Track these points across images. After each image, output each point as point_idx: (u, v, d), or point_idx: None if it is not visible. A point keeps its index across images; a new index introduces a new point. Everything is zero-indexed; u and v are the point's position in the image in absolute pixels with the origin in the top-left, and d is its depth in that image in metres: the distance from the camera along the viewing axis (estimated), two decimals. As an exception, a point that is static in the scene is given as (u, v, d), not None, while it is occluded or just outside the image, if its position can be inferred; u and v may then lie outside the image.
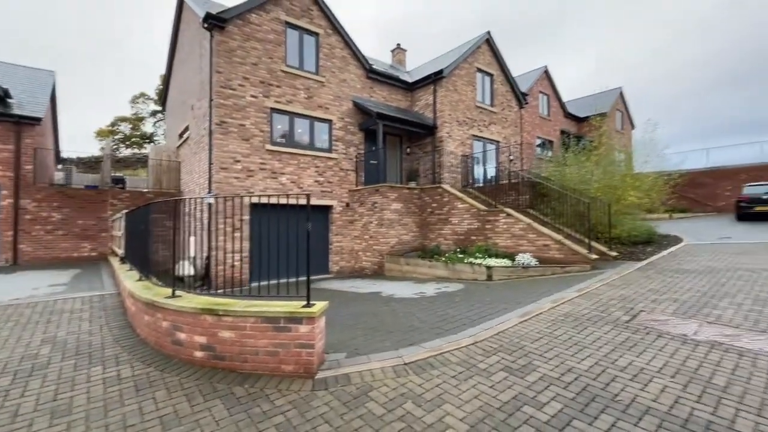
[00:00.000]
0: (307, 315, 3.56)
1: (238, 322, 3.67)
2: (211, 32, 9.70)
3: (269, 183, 10.50)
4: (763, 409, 2.76)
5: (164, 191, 12.93)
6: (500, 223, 9.84)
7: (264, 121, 10.44)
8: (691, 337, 4.10)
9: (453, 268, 9.01)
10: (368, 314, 5.94)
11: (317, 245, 11.68)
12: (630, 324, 4.60)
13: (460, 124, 13.66)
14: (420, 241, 11.90)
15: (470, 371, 3.53)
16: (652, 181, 11.00)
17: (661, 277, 6.96)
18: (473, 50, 14.29)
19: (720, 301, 5.33)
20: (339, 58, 12.22)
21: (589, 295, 6.02)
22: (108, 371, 3.68)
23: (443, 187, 11.38)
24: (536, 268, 8.22)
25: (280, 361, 3.59)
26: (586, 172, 9.92)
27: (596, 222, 9.51)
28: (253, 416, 2.90)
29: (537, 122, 20.29)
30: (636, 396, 3.00)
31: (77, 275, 8.83)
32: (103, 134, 38.81)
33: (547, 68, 21.18)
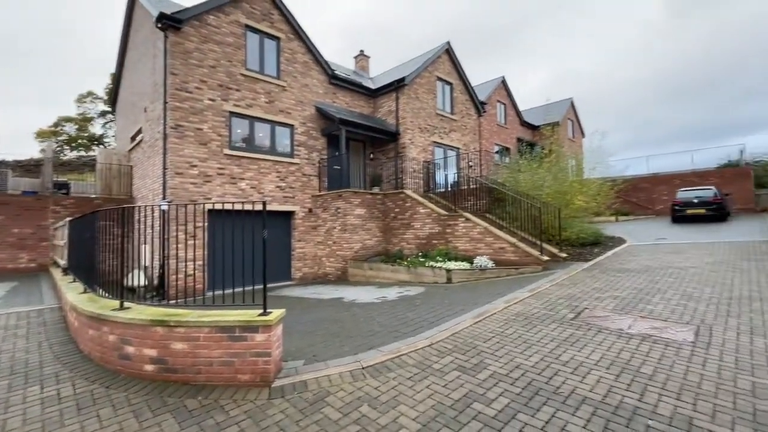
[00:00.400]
0: (263, 323, 3.54)
1: (191, 332, 3.59)
2: (166, 33, 9.36)
3: (228, 189, 10.23)
4: (682, 394, 3.08)
5: (114, 197, 12.23)
6: (459, 227, 10.17)
7: (222, 125, 10.18)
8: (626, 331, 4.47)
9: (415, 272, 9.20)
10: (329, 320, 5.95)
11: (279, 252, 11.49)
12: (574, 321, 4.94)
13: (422, 131, 14.00)
14: (384, 245, 12.03)
15: (425, 372, 3.65)
16: (597, 187, 11.83)
17: (604, 277, 7.49)
18: (434, 60, 14.72)
19: (653, 297, 5.84)
20: (301, 63, 12.16)
21: (539, 294, 6.38)
22: (47, 390, 3.46)
23: (406, 193, 11.60)
24: (493, 270, 8.58)
25: (235, 371, 3.54)
26: (538, 179, 10.51)
27: (548, 225, 10.08)
28: (206, 428, 2.85)
29: (495, 130, 21.15)
30: (575, 388, 3.25)
31: (13, 288, 8.16)
32: (45, 135, 35.95)
33: (504, 79, 22.18)
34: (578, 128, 28.21)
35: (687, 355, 3.78)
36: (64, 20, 68.10)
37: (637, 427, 2.67)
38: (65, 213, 11.11)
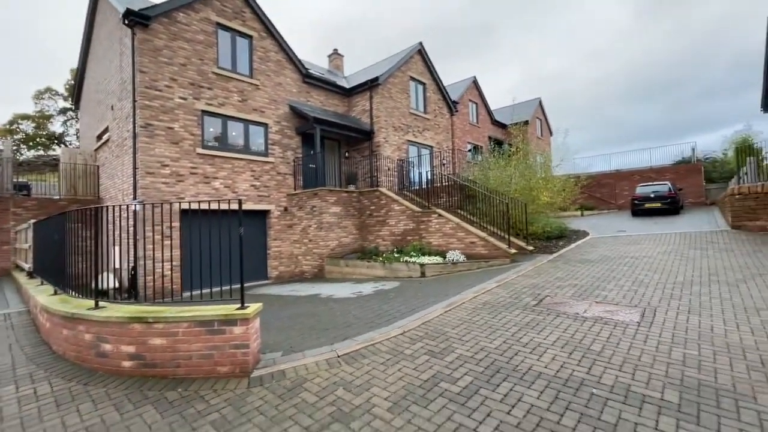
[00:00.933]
0: (242, 316, 3.68)
1: (170, 328, 3.68)
2: (133, 29, 9.17)
3: (201, 188, 10.15)
4: (623, 366, 3.46)
5: (80, 198, 11.83)
6: (433, 223, 10.51)
7: (194, 124, 10.08)
8: (581, 315, 4.88)
9: (390, 268, 9.45)
10: (306, 315, 6.11)
11: (255, 251, 11.49)
12: (536, 307, 5.32)
13: (396, 130, 14.27)
14: (360, 242, 12.23)
15: (397, 357, 3.90)
16: (561, 183, 12.47)
17: (566, 267, 7.99)
18: (406, 60, 15.01)
19: (608, 284, 6.33)
20: (274, 62, 12.15)
21: (506, 285, 6.77)
22: (22, 390, 3.47)
23: (380, 190, 11.83)
24: (464, 263, 8.95)
25: (215, 363, 3.67)
26: (506, 176, 11.00)
27: (516, 220, 10.58)
28: (187, 417, 2.99)
29: (467, 129, 21.71)
30: (532, 365, 3.58)
31: (-27, 294, 7.83)
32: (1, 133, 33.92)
33: (476, 78, 22.77)
34: (546, 127, 29.31)
35: (632, 333, 4.20)
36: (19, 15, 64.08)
37: (583, 395, 3.01)
38: (27, 215, 10.67)
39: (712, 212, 15.57)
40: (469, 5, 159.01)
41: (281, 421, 2.87)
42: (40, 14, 65.16)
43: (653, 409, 2.76)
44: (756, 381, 3.08)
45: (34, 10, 65.04)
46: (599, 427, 2.59)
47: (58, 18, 63.95)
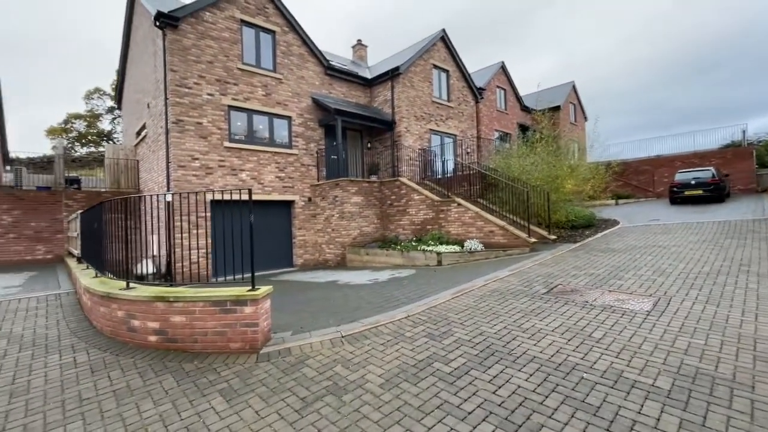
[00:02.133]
0: (251, 297, 3.97)
1: (188, 306, 4.04)
2: (164, 30, 9.72)
3: (229, 180, 10.68)
4: (621, 353, 3.44)
5: (122, 191, 12.79)
6: (452, 212, 10.50)
7: (222, 119, 10.58)
8: (590, 303, 4.82)
9: (408, 256, 9.59)
10: (321, 299, 6.39)
11: (281, 240, 11.97)
12: (545, 295, 5.29)
13: (418, 119, 14.23)
14: (381, 232, 12.42)
15: (397, 339, 4.06)
16: (588, 170, 11.99)
17: (587, 256, 7.79)
18: (429, 47, 14.84)
19: (626, 273, 6.15)
20: (296, 56, 12.44)
21: (519, 273, 6.73)
22: (65, 358, 3.96)
23: (401, 180, 11.92)
24: (482, 252, 8.92)
25: (227, 339, 3.99)
26: (529, 164, 10.74)
27: (538, 209, 10.35)
28: (199, 385, 3.31)
29: (494, 116, 21.17)
30: (527, 350, 3.63)
31: (32, 277, 8.76)
32: (56, 132, 36.86)
33: (504, 64, 22.08)
34: (581, 112, 27.99)
35: (639, 321, 4.12)
36: (72, 18, 68.73)
37: (572, 379, 3.05)
38: (77, 207, 11.68)
39: (762, 200, 14.43)
40: None
41: (281, 392, 3.12)
42: (96, 16, 69.52)
43: (641, 394, 2.77)
44: (760, 371, 2.98)
45: (88, 13, 69.48)
46: (581, 409, 2.64)
47: (113, 19, 67.95)
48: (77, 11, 71.08)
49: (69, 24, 66.94)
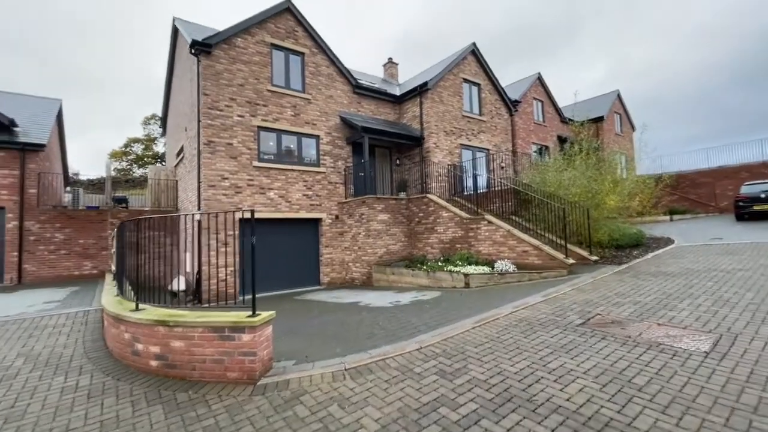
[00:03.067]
0: (249, 324, 3.77)
1: (187, 332, 3.91)
2: (198, 57, 10.21)
3: (257, 198, 10.84)
4: (670, 407, 2.83)
5: (162, 209, 13.43)
6: (482, 230, 9.93)
7: (251, 139, 10.85)
8: (633, 339, 4.15)
9: (434, 277, 9.12)
10: (336, 323, 6.10)
11: (308, 258, 11.93)
12: (580, 327, 4.67)
13: (447, 134, 13.87)
14: (409, 250, 12.04)
15: (404, 375, 3.67)
16: (635, 184, 10.95)
17: (633, 281, 6.95)
18: (458, 62, 14.56)
19: (680, 303, 5.34)
20: (325, 76, 12.63)
21: (553, 299, 6.08)
22: (69, 381, 3.94)
23: (429, 197, 11.55)
24: (513, 274, 8.27)
25: (225, 368, 3.80)
26: (567, 178, 9.97)
27: (578, 227, 9.53)
28: (186, 420, 3.11)
29: (532, 128, 20.32)
30: (552, 396, 3.10)
31: (74, 292, 9.24)
32: (117, 155, 40.32)
33: (540, 75, 21.28)
34: (627, 122, 26.24)
35: (694, 366, 3.45)
36: (139, 53, 76.03)
37: (604, 439, 2.51)
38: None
39: None
40: (548, 5, 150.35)
41: (265, 433, 2.84)
42: (159, 51, 76.41)
43: (693, 468, 2.19)
44: None
45: (155, 50, 76.53)
46: (613, 483, 2.12)
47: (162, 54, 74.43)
48: (148, 49, 78.51)
49: (135, 58, 73.98)
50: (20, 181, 11.14)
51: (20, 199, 11.12)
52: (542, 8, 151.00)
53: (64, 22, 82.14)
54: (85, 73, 67.85)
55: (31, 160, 11.42)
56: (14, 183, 11.10)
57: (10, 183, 11.07)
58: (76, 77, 65.52)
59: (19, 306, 7.42)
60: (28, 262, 11.19)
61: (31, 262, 11.22)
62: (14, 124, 11.47)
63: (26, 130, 11.90)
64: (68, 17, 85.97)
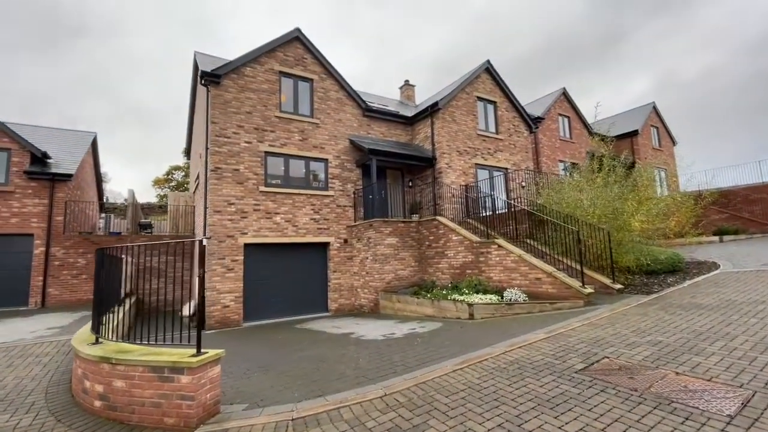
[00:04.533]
0: (187, 365, 3.45)
1: (128, 371, 3.65)
2: (208, 87, 10.55)
3: (263, 223, 10.80)
4: (664, 498, 2.16)
5: (179, 234, 13.78)
6: (492, 255, 9.24)
7: (258, 165, 10.93)
8: (640, 393, 3.42)
9: (438, 306, 8.50)
10: (316, 359, 5.67)
11: (315, 283, 11.64)
12: (578, 374, 3.96)
13: (461, 154, 13.38)
14: (419, 275, 11.46)
15: (352, 430, 3.17)
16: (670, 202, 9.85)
17: (659, 314, 6.03)
18: (471, 80, 14.19)
19: (711, 345, 4.47)
20: (334, 100, 12.68)
21: (557, 337, 5.34)
22: (12, 420, 3.77)
23: (438, 219, 11.03)
24: (522, 304, 7.50)
25: (163, 413, 3.48)
26: (587, 198, 9.11)
27: (602, 251, 8.61)
28: (96, 477, 2.79)
29: (558, 145, 19.36)
30: (515, 470, 2.50)
31: (84, 317, 9.43)
32: (159, 182, 42.91)
33: (566, 90, 20.41)
34: (666, 135, 24.45)
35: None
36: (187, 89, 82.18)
37: None
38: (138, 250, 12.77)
39: None
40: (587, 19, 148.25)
41: (166, 502, 2.45)
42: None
43: None
44: None
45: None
46: None
47: (205, 88, 79.76)
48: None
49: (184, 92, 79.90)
50: (48, 210, 11.81)
51: (48, 226, 11.77)
52: (582, 24, 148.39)
53: (135, 60, 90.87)
54: (148, 105, 73.98)
55: (59, 189, 12.14)
56: (43, 211, 11.79)
57: (39, 211, 11.77)
58: (139, 110, 71.70)
59: (23, 331, 7.60)
60: (52, 286, 11.71)
61: (54, 286, 11.72)
62: (47, 156, 12.31)
63: (58, 161, 12.74)
64: (146, 57, 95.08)
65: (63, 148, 13.77)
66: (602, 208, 8.62)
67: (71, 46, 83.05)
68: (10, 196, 11.47)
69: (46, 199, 11.87)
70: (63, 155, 13.31)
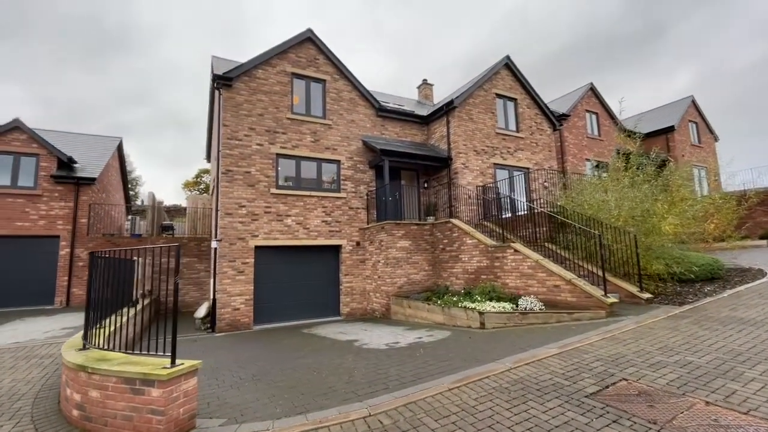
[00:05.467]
0: (157, 377, 3.27)
1: (103, 380, 3.52)
2: (220, 90, 10.60)
3: (274, 225, 10.73)
4: None
5: (197, 236, 13.98)
6: (508, 260, 8.72)
7: (269, 167, 10.87)
8: (660, 426, 2.94)
9: (449, 314, 8.08)
10: (311, 369, 5.42)
11: (327, 287, 11.46)
12: (589, 399, 3.50)
13: (478, 154, 12.84)
14: (434, 280, 11.05)
15: (324, 457, 2.88)
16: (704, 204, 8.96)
17: (692, 329, 5.38)
18: (490, 77, 13.62)
19: (751, 369, 3.87)
20: (347, 101, 12.48)
21: (571, 353, 4.83)
22: (-7, 427, 3.73)
23: (452, 222, 10.59)
24: (538, 314, 6.97)
25: (134, 427, 3.32)
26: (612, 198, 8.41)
27: (629, 256, 7.92)
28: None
29: (585, 143, 18.37)
30: None
31: (100, 318, 9.64)
32: (189, 185, 44.39)
33: (593, 85, 19.34)
34: (706, 131, 22.74)
35: (743, 488, 2.23)
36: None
37: None
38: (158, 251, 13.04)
39: None
40: (625, 13, 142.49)
41: None
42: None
43: None
44: None
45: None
46: None
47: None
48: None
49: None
50: (73, 212, 12.26)
51: (72, 228, 12.21)
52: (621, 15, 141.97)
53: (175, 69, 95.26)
54: (186, 110, 76.88)
55: (83, 192, 12.58)
56: (68, 214, 12.25)
57: (65, 214, 12.23)
58: (178, 115, 74.76)
59: (39, 331, 7.81)
60: (77, 285, 12.12)
61: (78, 286, 12.13)
62: (73, 161, 12.80)
63: (83, 165, 13.22)
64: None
65: (89, 153, 14.30)
66: (628, 210, 7.92)
67: (115, 58, 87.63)
68: (38, 200, 11.98)
69: (71, 202, 12.33)
70: (88, 160, 13.81)
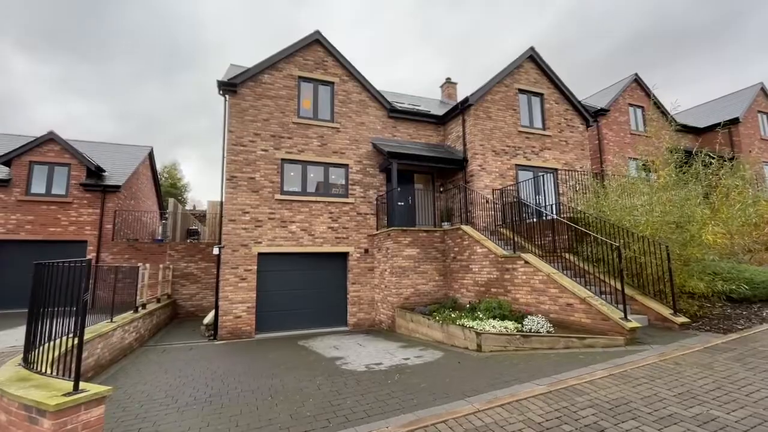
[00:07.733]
0: (46, 408, 2.95)
1: (9, 404, 3.27)
2: (225, 96, 10.60)
3: (278, 232, 10.51)
4: None
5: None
6: (518, 272, 7.78)
7: (274, 172, 10.69)
8: None
9: (447, 331, 7.31)
10: (270, 392, 4.95)
11: (333, 296, 11.04)
12: (557, 466, 2.70)
13: (497, 154, 11.83)
14: (444, 291, 10.25)
15: None
16: (757, 209, 7.40)
17: (731, 368, 4.26)
18: (511, 71, 12.56)
19: (799, 437, 2.84)
20: (356, 103, 12.06)
21: (562, 393, 3.96)
22: None
23: (462, 228, 9.75)
24: (543, 337, 6.01)
25: (27, 461, 3.02)
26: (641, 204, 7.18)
27: (662, 272, 6.69)
28: None
29: (628, 141, 16.54)
30: None
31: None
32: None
33: (638, 76, 17.41)
34: (781, 122, 19.73)
35: None
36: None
37: None
38: (178, 256, 13.39)
39: None
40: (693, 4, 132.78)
41: None
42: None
43: None
44: None
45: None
46: None
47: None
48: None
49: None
50: (100, 218, 12.88)
51: (99, 233, 12.82)
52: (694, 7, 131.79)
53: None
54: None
55: (109, 199, 13.20)
56: (96, 220, 12.89)
57: (93, 220, 12.89)
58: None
59: (44, 335, 8.04)
60: (101, 288, 12.67)
61: (103, 289, 12.67)
62: (101, 169, 13.49)
63: (112, 174, 13.91)
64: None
65: (118, 162, 15.06)
66: (660, 216, 6.70)
67: (182, 73, 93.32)
68: (69, 207, 12.72)
69: (98, 208, 12.97)
70: (117, 168, 14.53)
